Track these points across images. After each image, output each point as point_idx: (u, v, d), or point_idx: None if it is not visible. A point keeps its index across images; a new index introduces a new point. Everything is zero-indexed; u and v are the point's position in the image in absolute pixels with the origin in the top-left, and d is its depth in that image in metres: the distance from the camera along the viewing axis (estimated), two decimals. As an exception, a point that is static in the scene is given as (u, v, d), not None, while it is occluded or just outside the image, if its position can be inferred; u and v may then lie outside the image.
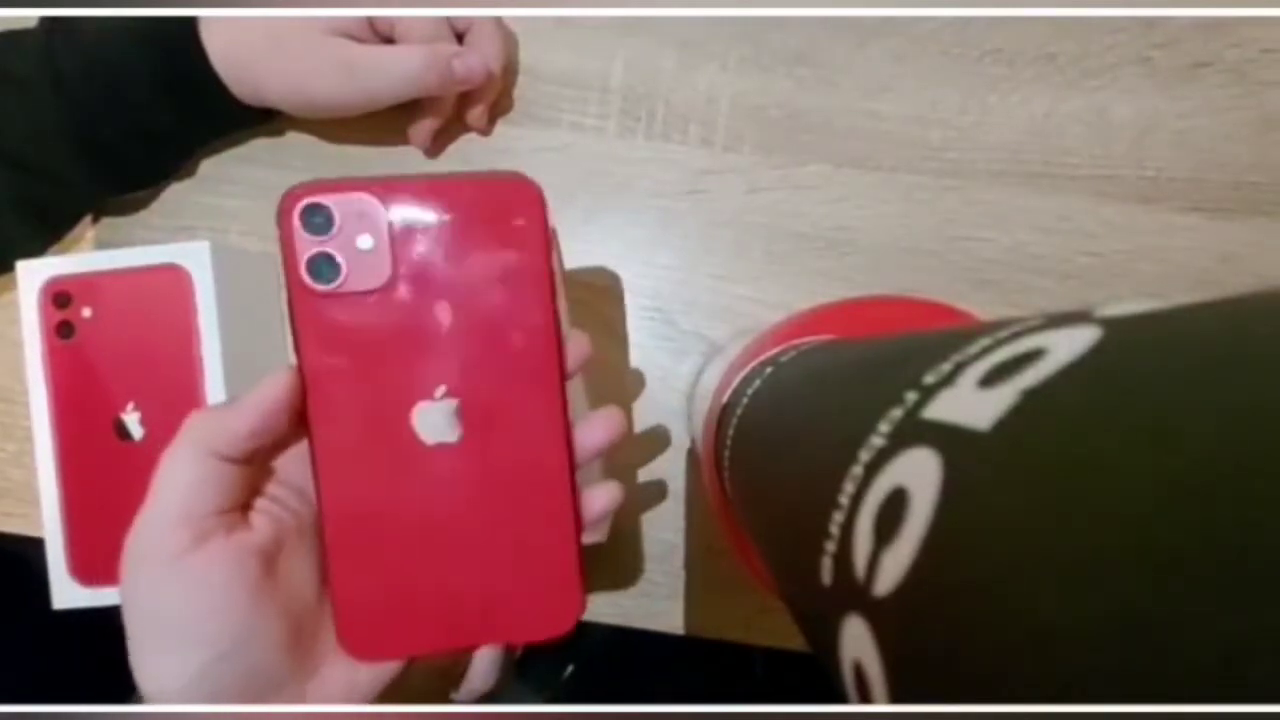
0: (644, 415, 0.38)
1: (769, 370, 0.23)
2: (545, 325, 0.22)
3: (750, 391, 0.23)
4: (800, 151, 0.38)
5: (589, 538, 0.25)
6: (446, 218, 0.22)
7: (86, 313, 0.33)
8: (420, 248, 0.22)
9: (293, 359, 0.22)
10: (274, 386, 0.21)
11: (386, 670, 0.23)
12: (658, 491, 0.37)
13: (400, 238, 0.22)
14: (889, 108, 0.37)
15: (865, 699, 0.11)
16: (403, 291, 0.22)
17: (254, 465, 0.22)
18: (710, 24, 0.38)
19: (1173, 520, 0.07)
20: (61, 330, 0.33)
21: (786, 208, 0.37)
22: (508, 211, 0.22)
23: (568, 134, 0.38)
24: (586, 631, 0.39)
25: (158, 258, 0.33)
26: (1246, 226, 0.36)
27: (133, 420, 0.33)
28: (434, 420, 0.22)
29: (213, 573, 0.21)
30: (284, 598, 0.22)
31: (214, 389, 0.33)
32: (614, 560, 0.37)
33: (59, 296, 0.33)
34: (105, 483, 0.33)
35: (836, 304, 0.29)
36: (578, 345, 0.23)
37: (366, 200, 0.21)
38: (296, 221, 0.21)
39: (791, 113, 0.38)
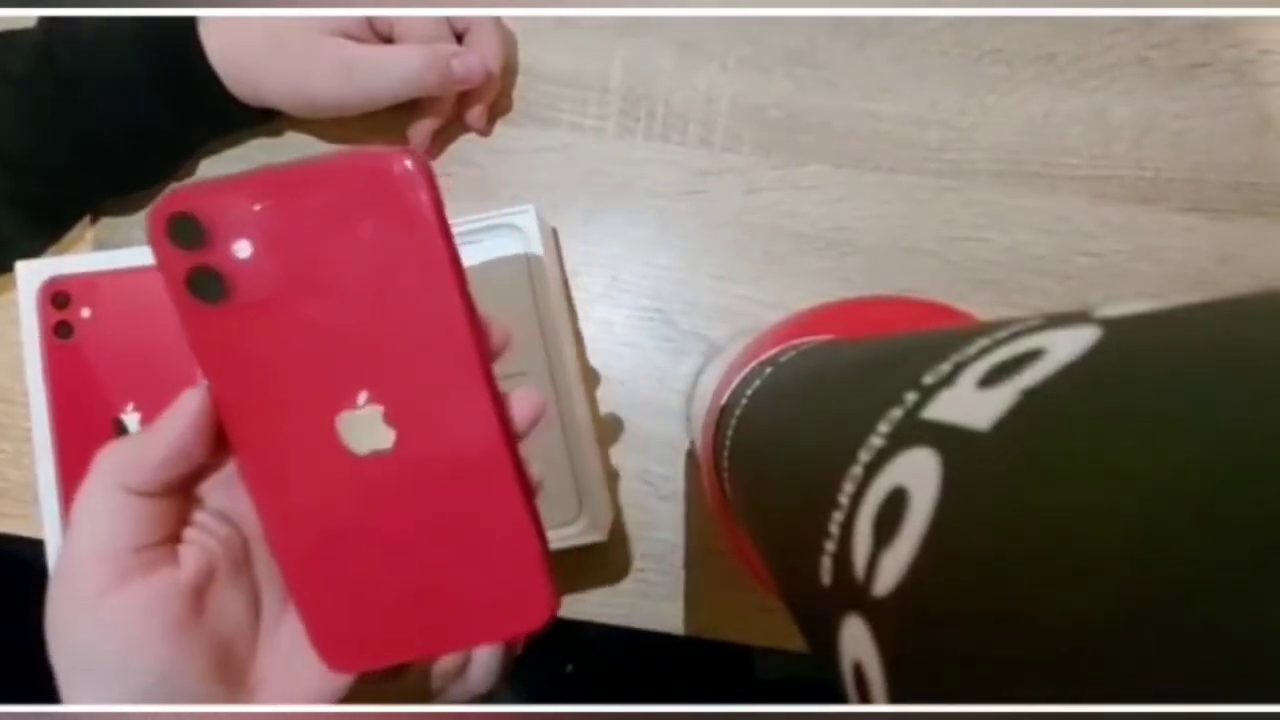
0: (643, 415, 0.38)
1: (768, 370, 0.23)
2: (452, 308, 0.20)
3: (749, 392, 0.23)
4: (799, 152, 0.38)
5: (536, 466, 0.23)
6: (326, 207, 0.20)
7: (85, 313, 0.33)
8: (304, 245, 0.20)
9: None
10: (183, 411, 0.20)
11: (335, 688, 0.22)
12: (657, 492, 0.37)
13: (281, 238, 0.20)
14: (888, 108, 0.37)
15: (865, 699, 0.11)
16: (295, 296, 0.20)
17: (174, 497, 0.21)
18: (710, 24, 0.38)
19: (1172, 520, 0.07)
20: (60, 330, 0.33)
21: (786, 208, 0.37)
22: (388, 190, 0.20)
23: (567, 134, 0.38)
24: (585, 631, 0.39)
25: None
26: (1245, 227, 0.36)
27: (133, 420, 0.33)
28: (361, 429, 0.21)
29: (130, 614, 0.20)
30: (211, 629, 0.21)
31: None
32: (613, 560, 0.37)
33: (58, 297, 0.33)
34: None
35: (836, 304, 0.29)
36: (498, 330, 0.22)
37: (234, 202, 0.19)
38: (165, 237, 0.19)
39: (791, 113, 0.38)
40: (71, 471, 0.33)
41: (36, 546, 0.34)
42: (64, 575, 0.20)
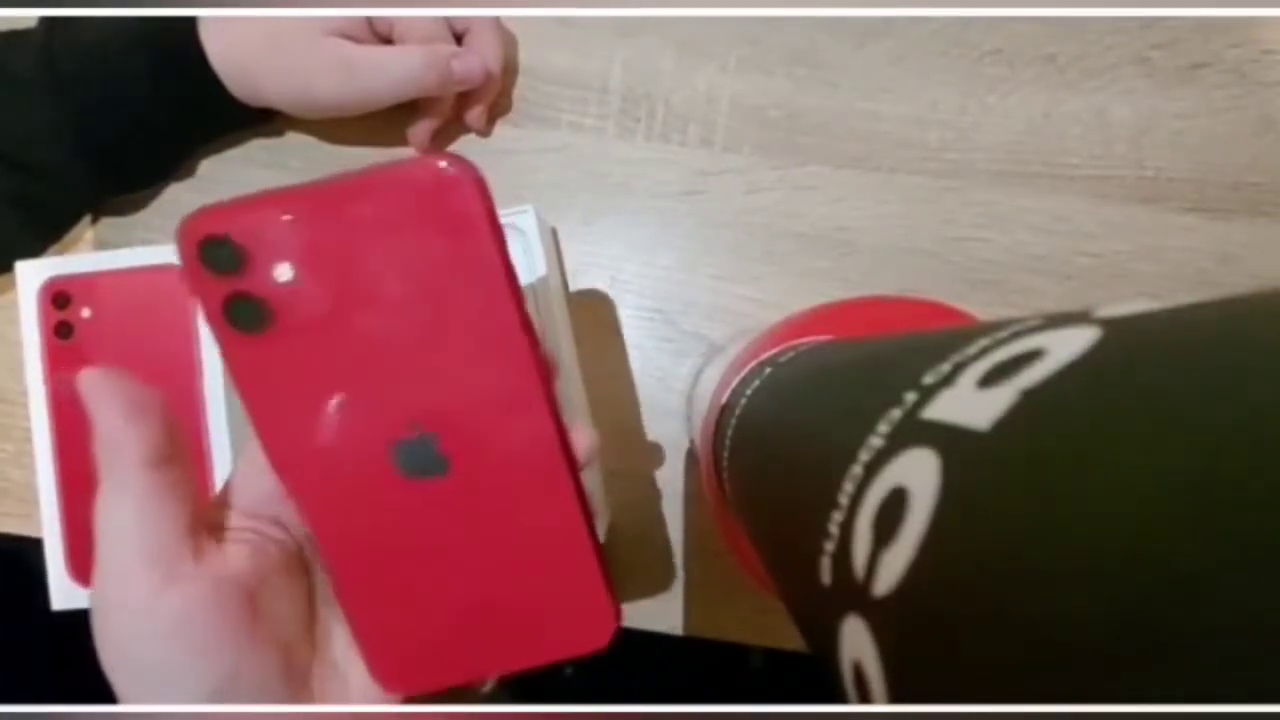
0: (643, 416, 0.38)
1: (768, 370, 0.23)
2: (509, 324, 0.19)
3: (749, 392, 0.23)
4: (799, 152, 0.38)
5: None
6: (370, 222, 0.18)
7: (86, 313, 0.33)
8: (349, 264, 0.18)
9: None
10: (88, 383, 0.19)
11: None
12: (656, 491, 0.37)
13: (324, 257, 0.18)
14: (888, 108, 0.37)
15: (865, 700, 0.11)
16: (342, 319, 0.18)
17: (183, 463, 0.20)
18: (710, 24, 0.38)
19: (1172, 520, 0.07)
20: (60, 330, 0.33)
21: (786, 208, 0.37)
22: (439, 199, 0.18)
23: (567, 134, 0.38)
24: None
25: (157, 258, 0.33)
26: (1245, 227, 0.36)
27: None
28: (415, 458, 0.20)
29: (192, 615, 0.19)
30: (272, 628, 0.20)
31: (214, 390, 0.33)
32: (612, 560, 0.37)
33: (58, 297, 0.33)
34: None
35: (835, 304, 0.29)
36: (581, 439, 0.21)
37: (272, 220, 0.18)
38: (198, 261, 0.18)
39: (791, 113, 0.38)
40: (72, 472, 0.33)
41: (37, 546, 0.34)
42: (104, 585, 0.19)
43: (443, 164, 0.18)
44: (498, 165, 0.38)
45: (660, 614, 0.37)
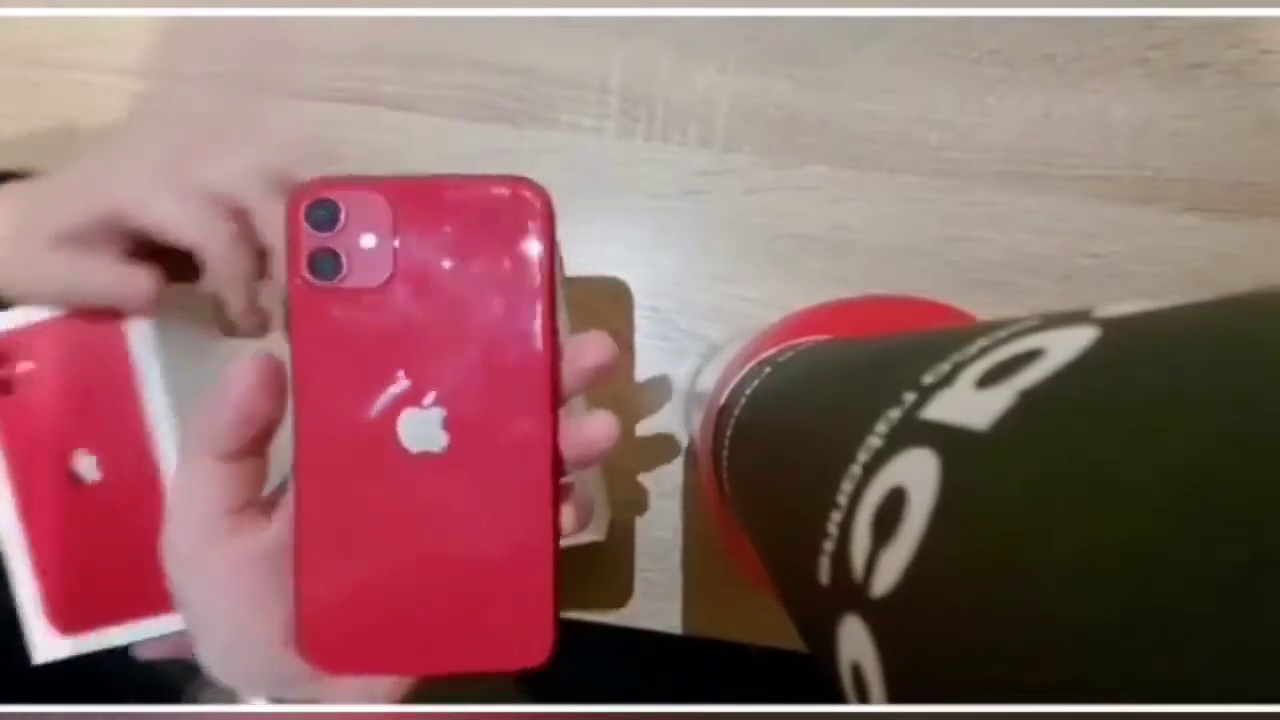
0: (642, 415, 0.38)
1: (767, 370, 0.23)
2: (542, 339, 0.22)
3: (748, 391, 0.23)
4: (799, 152, 0.38)
5: (576, 487, 0.23)
6: (451, 218, 0.22)
7: (24, 366, 0.33)
8: (422, 249, 0.21)
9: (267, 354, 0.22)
10: (242, 375, 0.21)
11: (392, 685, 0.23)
12: (656, 491, 0.37)
13: (404, 237, 0.21)
14: (887, 109, 0.37)
15: (863, 700, 0.11)
16: (400, 292, 0.21)
17: (257, 457, 0.23)
18: (709, 24, 0.38)
19: (1169, 519, 0.07)
20: (1, 388, 0.33)
21: (785, 208, 0.37)
22: (514, 217, 0.21)
23: (566, 135, 0.38)
24: (585, 631, 0.39)
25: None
26: (1244, 227, 0.36)
27: (88, 464, 0.33)
28: (420, 428, 0.22)
29: (215, 576, 0.22)
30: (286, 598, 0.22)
31: (162, 421, 0.32)
32: (612, 559, 0.37)
33: None
34: (70, 530, 0.33)
35: (834, 304, 0.29)
36: (599, 346, 0.22)
37: (373, 198, 0.21)
38: (302, 216, 0.21)
39: (790, 113, 0.38)
40: (35, 523, 0.33)
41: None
42: (173, 542, 0.22)
43: (525, 184, 0.22)
44: (497, 166, 0.38)
45: (660, 614, 0.37)
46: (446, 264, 0.21)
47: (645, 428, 0.38)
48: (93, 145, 0.39)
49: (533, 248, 0.21)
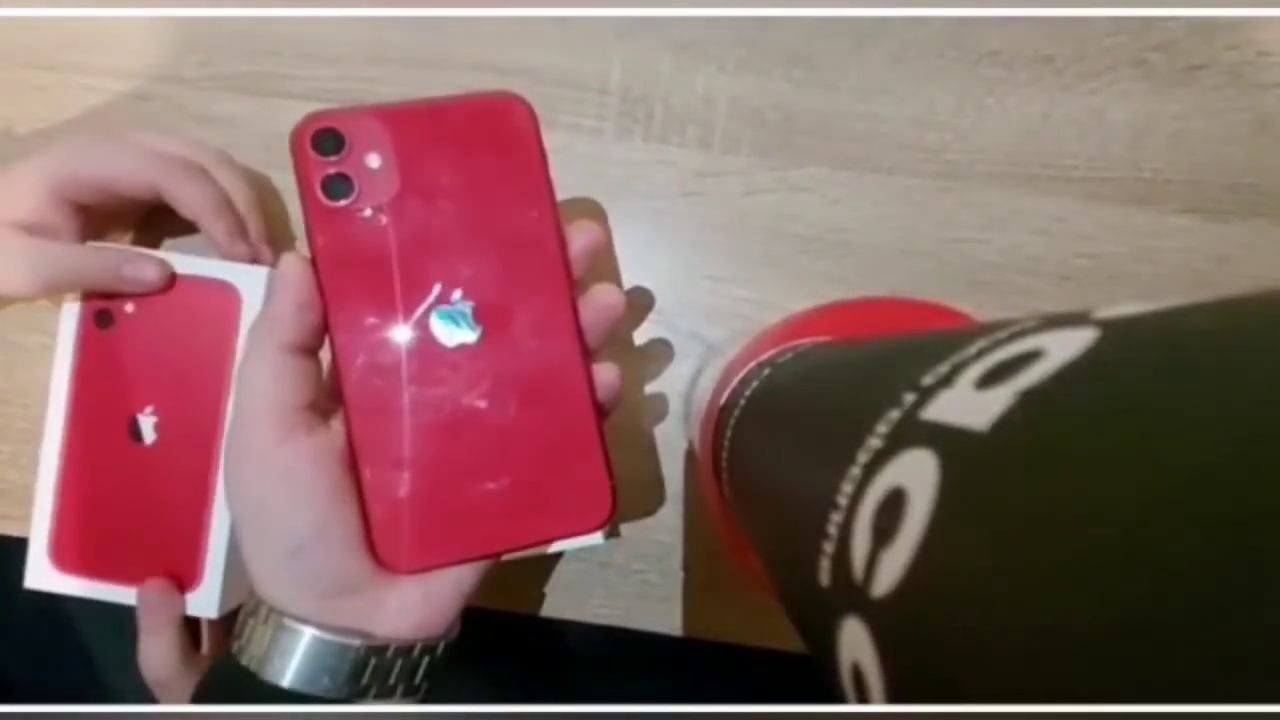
0: (642, 417, 0.38)
1: (767, 372, 0.23)
2: (547, 224, 0.24)
3: (748, 393, 0.23)
4: (798, 153, 0.38)
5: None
6: (447, 133, 0.23)
7: (129, 307, 0.32)
8: (425, 162, 0.23)
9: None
10: (293, 265, 0.22)
11: (461, 579, 0.24)
12: (656, 492, 0.37)
13: (406, 154, 0.23)
14: (886, 110, 0.37)
15: (863, 701, 0.11)
16: (412, 203, 0.23)
17: (313, 358, 0.23)
18: (708, 25, 0.38)
19: (1169, 521, 0.07)
20: (100, 318, 0.32)
21: (784, 209, 0.37)
22: (502, 124, 0.24)
23: (566, 135, 0.38)
24: (584, 632, 0.39)
25: (215, 272, 0.32)
26: (1242, 228, 0.36)
27: (148, 424, 0.33)
28: (452, 322, 0.23)
29: (299, 465, 0.22)
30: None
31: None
32: (611, 561, 0.37)
33: None
34: (106, 478, 0.33)
35: (834, 305, 0.29)
36: (587, 231, 0.24)
37: (371, 123, 0.23)
38: (309, 146, 0.23)
39: (789, 115, 0.38)
40: (76, 459, 0.33)
41: (22, 547, 0.33)
42: (235, 434, 0.23)
43: (509, 97, 0.24)
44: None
45: (660, 614, 0.37)
46: (449, 172, 0.23)
47: (645, 429, 0.38)
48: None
49: (525, 146, 0.24)
